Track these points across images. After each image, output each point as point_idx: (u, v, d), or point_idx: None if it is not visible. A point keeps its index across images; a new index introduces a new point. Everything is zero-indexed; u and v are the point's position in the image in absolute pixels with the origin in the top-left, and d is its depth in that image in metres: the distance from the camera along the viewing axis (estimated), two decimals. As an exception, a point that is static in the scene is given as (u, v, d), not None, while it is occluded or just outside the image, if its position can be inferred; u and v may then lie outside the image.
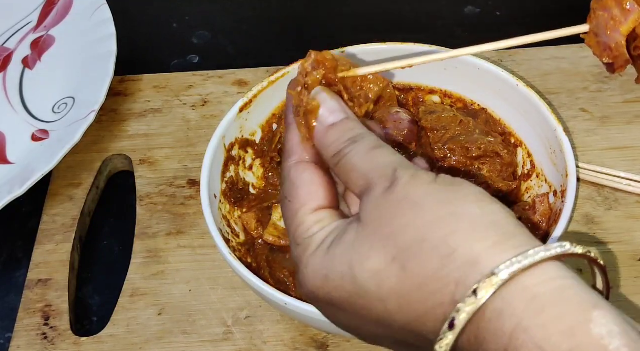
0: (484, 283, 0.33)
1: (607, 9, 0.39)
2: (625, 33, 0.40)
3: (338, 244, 0.37)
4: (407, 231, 0.35)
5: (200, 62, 0.76)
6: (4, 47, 0.71)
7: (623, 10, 0.39)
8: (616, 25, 0.39)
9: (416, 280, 0.35)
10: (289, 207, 0.40)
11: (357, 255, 0.36)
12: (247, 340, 0.54)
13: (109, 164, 0.66)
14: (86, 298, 0.60)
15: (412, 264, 0.35)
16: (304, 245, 0.38)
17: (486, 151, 0.55)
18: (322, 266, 0.37)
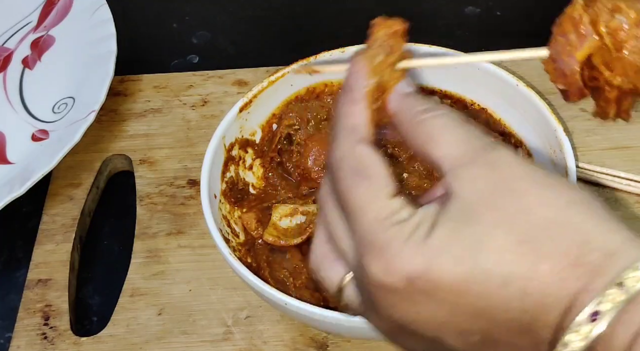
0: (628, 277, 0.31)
1: (565, 34, 0.39)
2: (581, 59, 0.38)
3: (444, 227, 0.34)
4: (536, 209, 0.33)
5: (200, 62, 0.76)
6: (4, 47, 0.71)
7: (579, 35, 0.38)
8: (572, 50, 0.38)
9: (549, 265, 0.32)
10: (366, 184, 0.36)
11: (475, 235, 0.33)
12: (247, 340, 0.54)
13: (109, 164, 0.66)
14: (86, 298, 0.60)
15: (545, 247, 0.32)
16: (395, 229, 0.34)
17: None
18: (426, 253, 0.34)
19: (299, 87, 0.59)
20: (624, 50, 0.38)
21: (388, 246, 0.34)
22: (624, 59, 0.38)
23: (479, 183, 0.34)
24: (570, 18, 0.38)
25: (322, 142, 0.57)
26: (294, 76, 0.58)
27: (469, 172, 0.34)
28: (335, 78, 0.59)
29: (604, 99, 0.40)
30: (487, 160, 0.35)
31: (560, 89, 0.39)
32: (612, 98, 0.40)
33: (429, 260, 0.34)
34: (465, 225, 0.34)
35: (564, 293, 0.32)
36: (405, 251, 0.34)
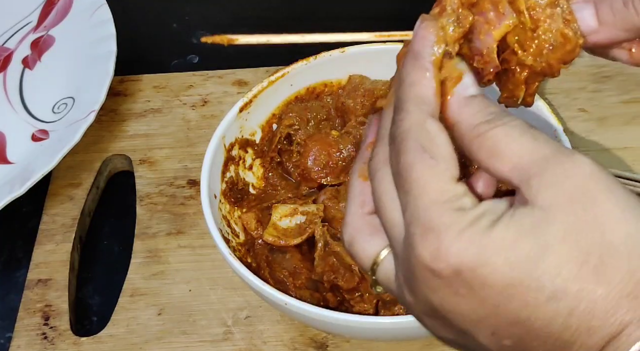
0: None
1: (483, 12, 0.39)
2: (498, 37, 0.38)
3: (507, 226, 0.32)
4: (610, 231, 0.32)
5: (200, 62, 0.76)
6: (4, 47, 0.71)
7: (498, 13, 0.38)
8: (489, 29, 0.38)
9: (604, 290, 0.31)
10: (430, 163, 0.34)
11: (540, 243, 0.32)
12: (247, 340, 0.55)
13: (108, 164, 0.66)
14: (86, 298, 0.60)
15: (606, 270, 0.32)
16: (455, 215, 0.33)
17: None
18: (484, 248, 0.32)
19: (299, 87, 0.59)
20: (539, 29, 0.38)
21: (444, 231, 0.33)
22: (539, 37, 0.38)
23: (553, 190, 0.33)
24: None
25: (322, 142, 0.57)
26: (294, 76, 0.58)
27: (543, 180, 0.33)
28: (334, 78, 0.60)
29: (513, 82, 0.40)
30: (563, 167, 0.33)
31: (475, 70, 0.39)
32: (522, 79, 0.40)
33: (484, 255, 0.32)
34: (532, 231, 0.32)
35: (613, 321, 0.32)
36: (460, 240, 0.33)
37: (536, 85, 0.41)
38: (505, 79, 0.41)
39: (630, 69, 0.67)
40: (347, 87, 0.59)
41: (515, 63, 0.40)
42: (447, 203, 0.33)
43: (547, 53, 0.39)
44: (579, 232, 0.32)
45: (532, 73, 0.40)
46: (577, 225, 0.32)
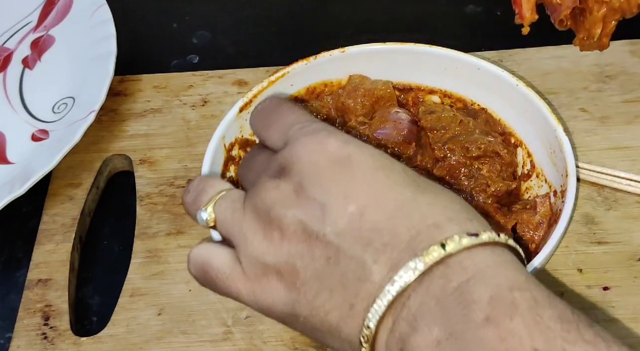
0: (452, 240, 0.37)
1: None
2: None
3: None
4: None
5: (200, 62, 0.76)
6: (4, 47, 0.71)
7: None
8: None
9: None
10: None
11: None
12: (247, 340, 0.54)
13: (109, 164, 0.66)
14: (86, 298, 0.60)
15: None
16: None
17: (486, 151, 0.55)
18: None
19: (299, 87, 0.59)
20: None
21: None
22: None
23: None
24: None
25: None
26: (294, 76, 0.58)
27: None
28: (334, 78, 0.60)
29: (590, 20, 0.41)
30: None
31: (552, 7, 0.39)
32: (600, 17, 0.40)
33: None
34: None
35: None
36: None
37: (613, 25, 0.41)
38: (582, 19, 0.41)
39: (633, 68, 0.67)
40: (347, 87, 0.59)
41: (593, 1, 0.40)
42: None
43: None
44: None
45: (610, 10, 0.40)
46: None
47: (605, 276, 0.56)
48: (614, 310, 0.54)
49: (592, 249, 0.58)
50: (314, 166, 0.40)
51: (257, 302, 0.42)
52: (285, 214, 0.40)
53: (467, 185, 0.55)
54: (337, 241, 0.38)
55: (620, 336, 0.52)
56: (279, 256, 0.40)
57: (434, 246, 0.37)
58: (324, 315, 0.39)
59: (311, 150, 0.41)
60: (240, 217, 0.42)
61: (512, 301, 0.34)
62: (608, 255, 0.57)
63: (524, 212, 0.53)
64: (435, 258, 0.36)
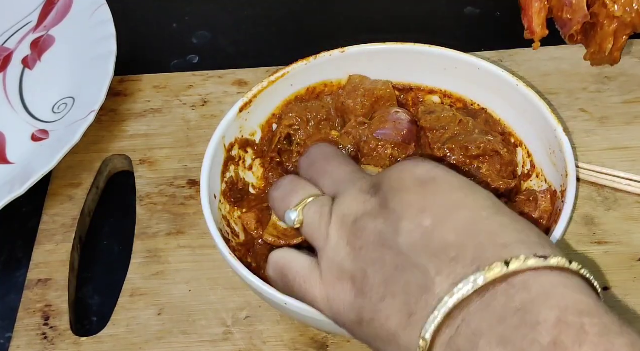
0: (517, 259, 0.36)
1: None
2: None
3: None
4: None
5: (200, 62, 0.76)
6: (4, 47, 0.71)
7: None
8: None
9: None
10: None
11: None
12: (247, 340, 0.54)
13: (109, 164, 0.66)
14: (86, 298, 0.60)
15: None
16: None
17: (485, 150, 0.55)
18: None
19: (299, 87, 0.59)
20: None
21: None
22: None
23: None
24: None
25: (322, 142, 0.57)
26: (294, 76, 0.58)
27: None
28: (334, 78, 0.60)
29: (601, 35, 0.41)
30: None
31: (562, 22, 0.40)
32: (610, 32, 0.41)
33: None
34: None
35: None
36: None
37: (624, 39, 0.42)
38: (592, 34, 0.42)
39: (633, 69, 0.67)
40: (347, 87, 0.59)
41: (604, 16, 0.40)
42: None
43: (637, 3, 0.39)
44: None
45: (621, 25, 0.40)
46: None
47: (605, 276, 0.56)
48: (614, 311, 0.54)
49: (592, 250, 0.58)
50: (400, 182, 0.42)
51: (330, 308, 0.42)
52: (367, 224, 0.41)
53: (467, 185, 0.55)
54: (408, 251, 0.39)
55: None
56: (356, 263, 0.41)
57: (497, 263, 0.36)
58: (385, 320, 0.39)
59: (402, 170, 0.43)
60: (327, 222, 0.44)
61: (581, 327, 0.33)
62: (608, 255, 0.57)
63: (525, 205, 0.53)
64: (497, 274, 0.36)
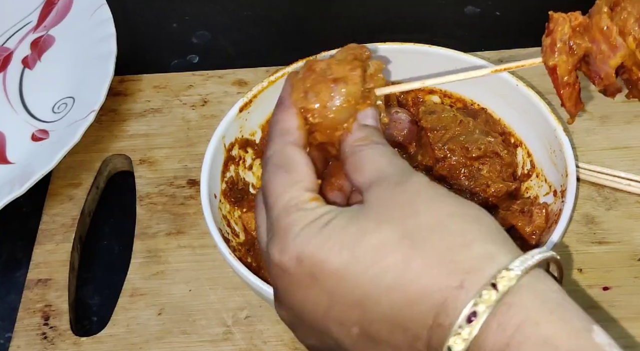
0: (502, 277, 0.34)
1: (596, 41, 0.40)
2: (614, 65, 0.40)
3: (340, 219, 0.37)
4: (423, 215, 0.36)
5: (200, 62, 0.76)
6: (4, 47, 0.71)
7: (611, 46, 0.40)
8: (605, 58, 0.40)
9: (424, 259, 0.35)
10: (284, 177, 0.40)
11: (364, 228, 0.36)
12: (247, 340, 0.54)
13: (108, 164, 0.66)
14: (86, 298, 0.60)
15: (423, 243, 0.35)
16: (299, 215, 0.38)
17: (486, 151, 0.55)
18: (319, 235, 0.37)
19: (299, 87, 0.59)
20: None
21: (289, 228, 0.38)
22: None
23: (383, 193, 0.38)
24: (597, 26, 0.40)
25: None
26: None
27: (378, 187, 0.38)
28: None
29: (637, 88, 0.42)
30: (397, 180, 0.38)
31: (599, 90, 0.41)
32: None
33: (320, 242, 0.36)
34: (359, 219, 0.37)
35: (435, 288, 0.34)
36: (301, 233, 0.37)
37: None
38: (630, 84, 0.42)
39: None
40: (347, 87, 0.59)
41: (635, 78, 0.41)
42: (295, 206, 0.38)
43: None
44: (398, 218, 0.36)
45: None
46: (396, 213, 0.36)
47: (605, 276, 0.56)
48: (614, 310, 0.54)
49: (592, 249, 0.58)
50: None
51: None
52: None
53: (467, 185, 0.55)
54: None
55: (621, 336, 0.53)
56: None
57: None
58: None
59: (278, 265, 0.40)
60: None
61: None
62: (608, 254, 0.57)
63: (519, 218, 0.53)
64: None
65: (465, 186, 0.55)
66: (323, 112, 0.41)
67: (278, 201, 0.39)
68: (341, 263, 0.36)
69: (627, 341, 0.53)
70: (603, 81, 0.41)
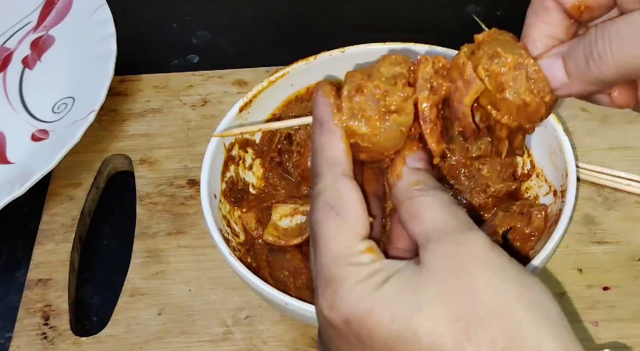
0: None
1: (454, 80, 0.41)
2: (469, 103, 0.40)
3: (396, 283, 0.35)
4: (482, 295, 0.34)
5: (200, 62, 0.76)
6: (4, 47, 0.71)
7: (465, 81, 0.40)
8: (460, 96, 0.40)
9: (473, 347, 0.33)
10: (337, 221, 0.37)
11: (419, 299, 0.34)
12: (247, 340, 0.54)
13: (108, 164, 0.66)
14: (86, 298, 0.60)
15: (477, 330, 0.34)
16: (351, 270, 0.36)
17: (486, 151, 0.55)
18: (371, 300, 0.35)
19: (299, 86, 0.59)
20: (505, 91, 0.40)
21: (340, 283, 0.36)
22: (506, 99, 0.40)
23: (441, 256, 0.35)
24: (456, 65, 0.41)
25: None
26: (294, 76, 0.58)
27: (437, 247, 0.36)
28: (334, 78, 0.59)
29: (496, 138, 0.42)
30: (457, 238, 0.36)
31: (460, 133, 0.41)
32: (503, 136, 0.42)
33: (371, 306, 0.35)
34: (414, 288, 0.35)
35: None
36: (352, 292, 0.35)
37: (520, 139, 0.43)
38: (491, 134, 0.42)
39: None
40: (347, 87, 0.59)
41: (493, 121, 0.41)
42: (347, 258, 0.36)
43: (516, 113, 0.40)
44: (453, 293, 0.34)
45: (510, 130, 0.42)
46: (453, 287, 0.34)
47: (605, 276, 0.56)
48: (614, 310, 0.54)
49: (592, 249, 0.58)
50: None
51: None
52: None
53: (467, 185, 0.55)
54: None
55: (620, 336, 0.53)
56: None
57: None
58: None
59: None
60: None
61: None
62: (608, 255, 0.57)
63: (518, 220, 0.53)
64: None
65: (465, 186, 0.55)
66: (372, 139, 0.39)
67: (328, 247, 0.37)
68: (391, 335, 0.35)
69: (627, 342, 0.53)
70: (461, 121, 0.41)
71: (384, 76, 0.40)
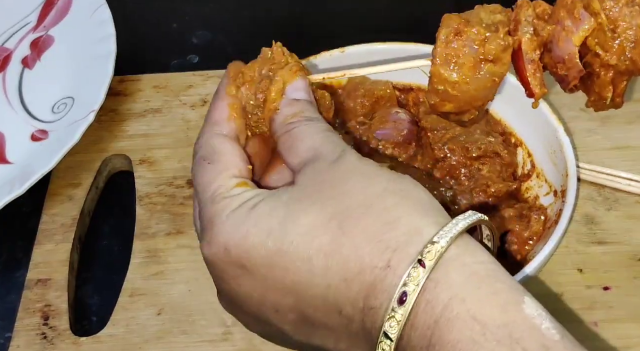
0: (428, 251, 0.33)
1: (560, 20, 0.39)
2: (578, 43, 0.39)
3: (267, 203, 0.36)
4: (352, 195, 0.35)
5: (200, 62, 0.76)
6: (4, 47, 0.71)
7: (574, 19, 0.39)
8: (568, 35, 0.39)
9: (352, 240, 0.34)
10: (209, 168, 0.39)
11: (291, 211, 0.35)
12: (247, 340, 0.54)
13: (108, 164, 0.66)
14: (85, 298, 0.60)
15: (351, 224, 0.34)
16: (224, 203, 0.37)
17: (486, 151, 0.55)
18: (245, 223, 0.36)
19: (299, 86, 0.59)
20: (618, 28, 0.38)
21: (214, 218, 0.37)
22: (619, 36, 0.39)
23: (315, 174, 0.36)
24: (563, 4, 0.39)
25: None
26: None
27: (310, 167, 0.37)
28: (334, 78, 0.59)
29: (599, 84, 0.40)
30: (329, 158, 0.37)
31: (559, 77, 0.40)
32: (608, 80, 0.40)
33: (245, 230, 0.35)
34: (286, 203, 0.36)
35: (363, 270, 0.34)
36: (227, 222, 0.36)
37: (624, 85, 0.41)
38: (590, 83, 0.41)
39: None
40: (347, 87, 0.59)
41: (598, 65, 0.40)
42: (220, 195, 0.37)
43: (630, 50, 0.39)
44: (327, 199, 0.35)
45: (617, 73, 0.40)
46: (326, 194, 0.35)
47: (605, 276, 0.56)
48: (614, 310, 0.54)
49: (592, 249, 0.58)
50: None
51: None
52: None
53: (467, 185, 0.55)
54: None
55: (620, 336, 0.53)
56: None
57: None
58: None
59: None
60: None
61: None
62: (608, 255, 0.57)
63: (517, 222, 0.53)
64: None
65: (465, 186, 0.55)
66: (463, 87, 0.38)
67: (205, 193, 0.38)
68: (269, 251, 0.35)
69: (627, 342, 0.53)
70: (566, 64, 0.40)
71: (485, 22, 0.39)
